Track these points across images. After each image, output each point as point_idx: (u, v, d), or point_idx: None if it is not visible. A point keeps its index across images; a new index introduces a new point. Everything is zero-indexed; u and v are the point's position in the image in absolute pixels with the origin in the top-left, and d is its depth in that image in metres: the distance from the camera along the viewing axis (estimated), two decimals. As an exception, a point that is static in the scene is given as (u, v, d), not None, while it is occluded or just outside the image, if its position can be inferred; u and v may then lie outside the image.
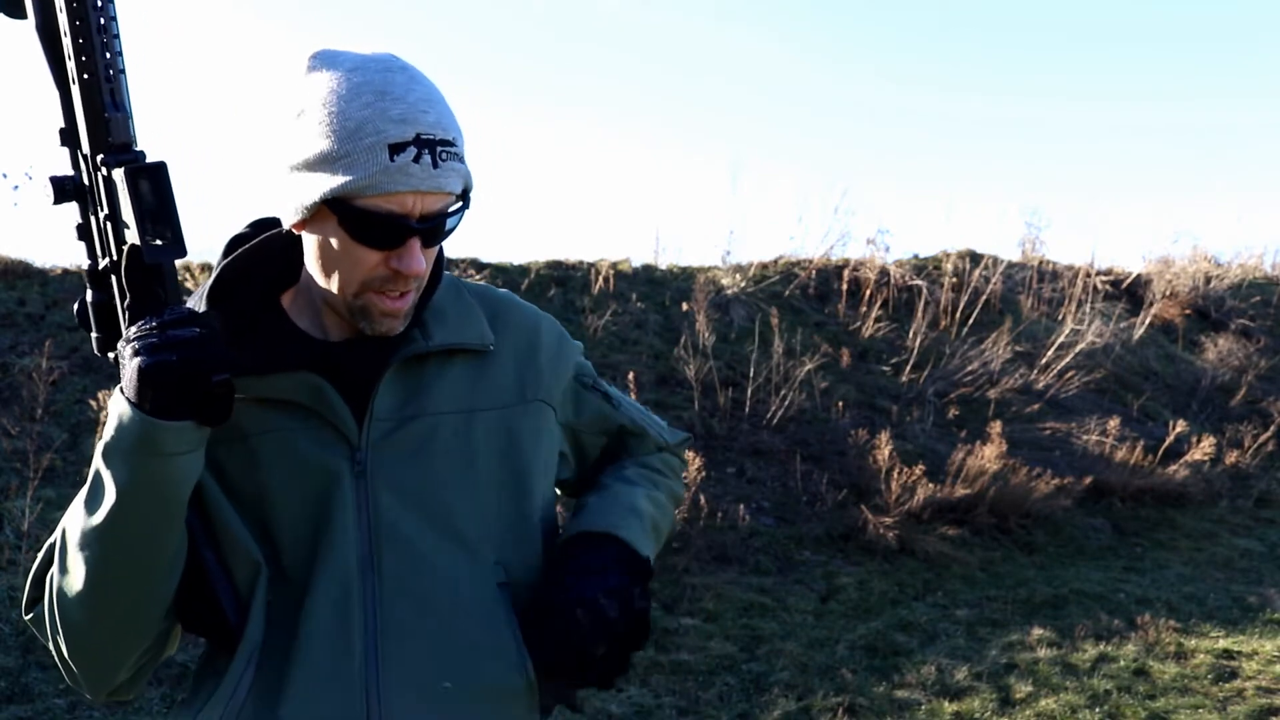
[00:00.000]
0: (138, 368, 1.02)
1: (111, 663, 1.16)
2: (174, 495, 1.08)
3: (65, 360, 5.65)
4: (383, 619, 1.16)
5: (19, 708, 3.62)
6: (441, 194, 1.14)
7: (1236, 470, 7.77)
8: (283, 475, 1.18)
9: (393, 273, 1.16)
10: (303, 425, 1.19)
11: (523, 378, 1.29)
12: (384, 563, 1.16)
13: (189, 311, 1.06)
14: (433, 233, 1.16)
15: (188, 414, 1.05)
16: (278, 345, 1.22)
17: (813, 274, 8.85)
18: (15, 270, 6.48)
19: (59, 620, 1.16)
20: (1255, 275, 12.05)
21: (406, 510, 1.18)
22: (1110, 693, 4.22)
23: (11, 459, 4.86)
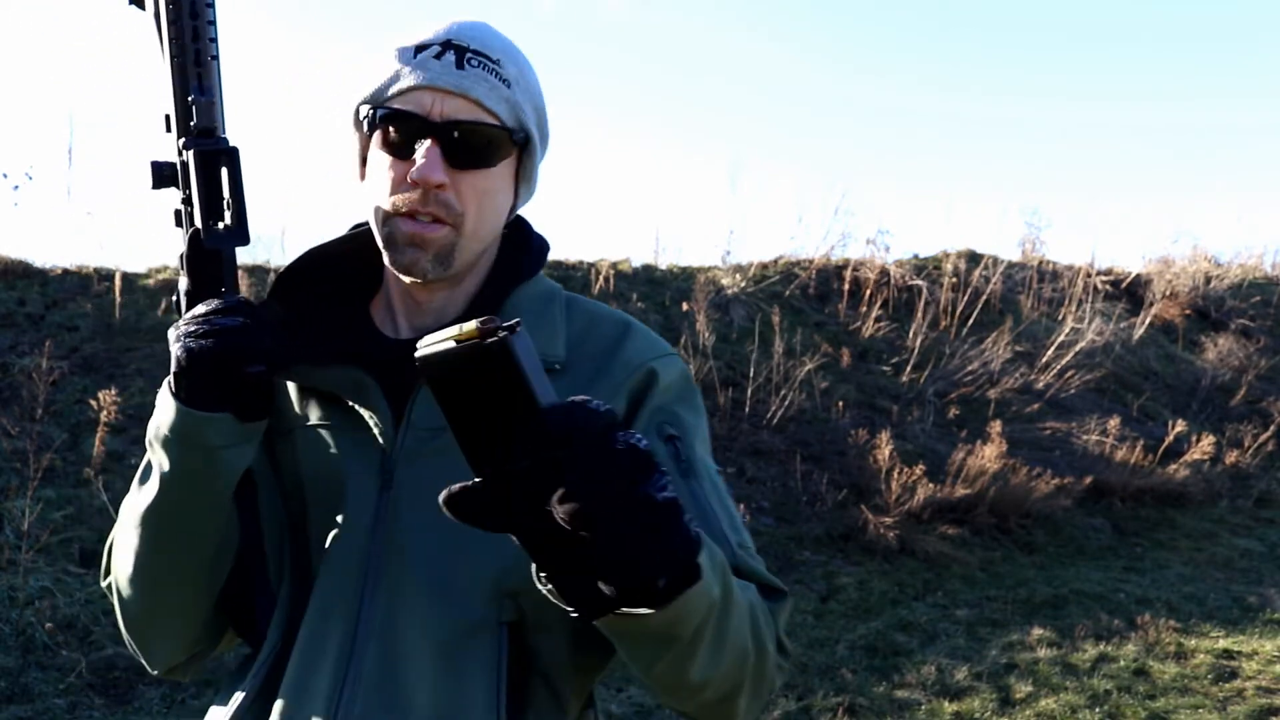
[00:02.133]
0: (175, 355, 1.00)
1: (158, 643, 1.14)
2: (215, 488, 1.04)
3: (65, 360, 5.65)
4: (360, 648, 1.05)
5: (19, 708, 3.62)
6: (465, 99, 1.05)
7: (1236, 470, 7.77)
8: (314, 473, 1.11)
9: (414, 188, 1.06)
10: (342, 422, 1.12)
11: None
12: (380, 588, 1.05)
13: (239, 300, 1.02)
14: (456, 142, 1.05)
15: (224, 405, 1.01)
16: (338, 337, 1.15)
17: (813, 274, 8.84)
18: (15, 270, 6.48)
19: (114, 592, 1.13)
20: (1255, 275, 12.05)
21: (426, 534, 1.05)
22: (1110, 693, 4.22)
23: (11, 459, 4.86)
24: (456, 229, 1.08)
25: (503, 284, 1.16)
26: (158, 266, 7.02)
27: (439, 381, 0.73)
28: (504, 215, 1.15)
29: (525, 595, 1.02)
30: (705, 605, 0.84)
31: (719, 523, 1.09)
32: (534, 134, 1.12)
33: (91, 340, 5.97)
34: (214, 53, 1.06)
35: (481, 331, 0.70)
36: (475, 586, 1.05)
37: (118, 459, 5.02)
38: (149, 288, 6.60)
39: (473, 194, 1.08)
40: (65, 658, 3.89)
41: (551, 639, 1.07)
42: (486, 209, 1.10)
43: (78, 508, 4.68)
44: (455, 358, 0.71)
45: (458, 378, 0.72)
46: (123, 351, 5.94)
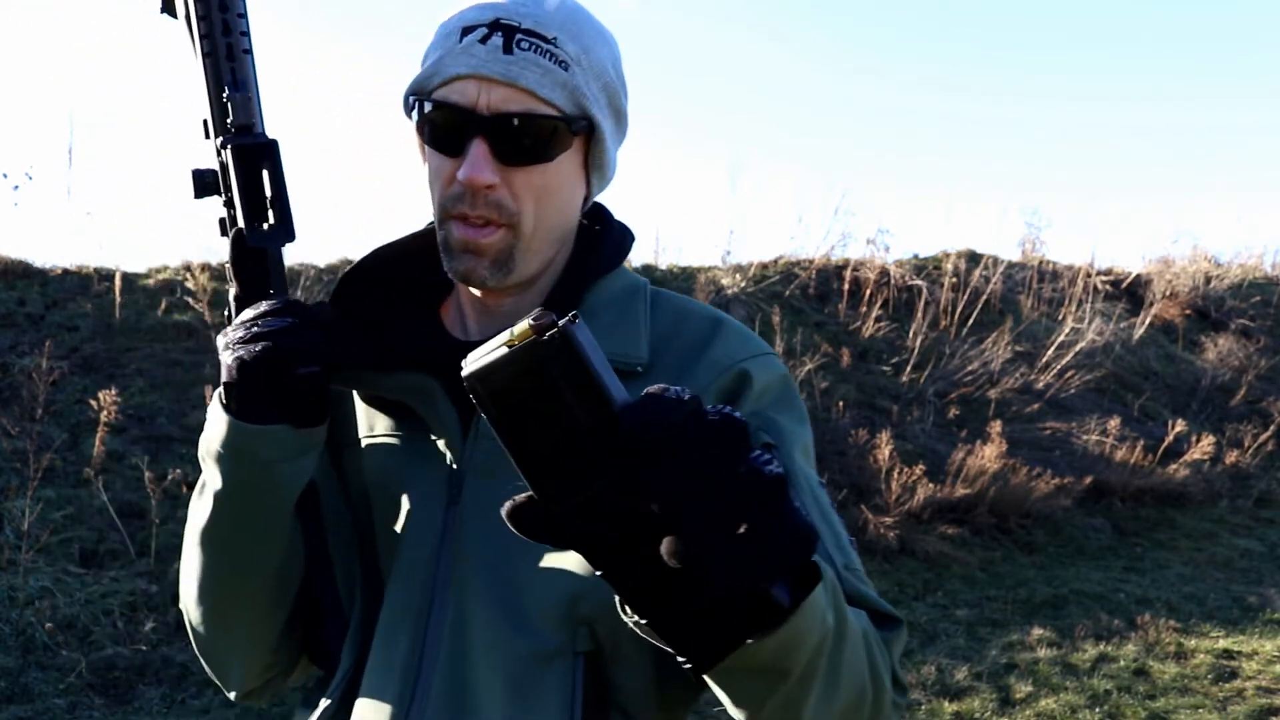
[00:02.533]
0: (224, 364, 0.93)
1: (230, 667, 1.07)
2: (273, 504, 0.97)
3: (65, 360, 5.65)
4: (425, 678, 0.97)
5: (19, 708, 3.62)
6: (514, 88, 0.95)
7: (1236, 470, 7.77)
8: (379, 485, 1.03)
9: (462, 188, 0.97)
10: (408, 432, 1.04)
11: None
12: (446, 611, 0.97)
13: (286, 300, 0.96)
14: (506, 137, 0.95)
15: (279, 415, 0.93)
16: (406, 341, 1.06)
17: (813, 274, 8.84)
18: (15, 270, 6.48)
19: (184, 612, 1.07)
20: (1255, 275, 12.05)
21: (494, 553, 0.97)
22: (1110, 693, 4.22)
23: (11, 459, 4.86)
24: (513, 231, 0.99)
25: (579, 280, 1.06)
26: (158, 266, 7.02)
27: (493, 399, 0.61)
28: (573, 210, 1.05)
29: (602, 622, 0.94)
30: (819, 632, 0.72)
31: (824, 542, 0.97)
32: (599, 119, 1.01)
33: (91, 340, 5.97)
34: (246, 46, 1.01)
35: (536, 328, 0.60)
36: (547, 612, 0.95)
37: (118, 459, 5.02)
38: (149, 288, 6.60)
39: (529, 192, 0.98)
40: (65, 658, 3.89)
41: (632, 670, 0.97)
42: (547, 207, 1.00)
43: (78, 508, 4.68)
44: (509, 366, 0.60)
45: (514, 391, 0.60)
46: (123, 351, 5.94)
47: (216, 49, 1.00)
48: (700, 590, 0.60)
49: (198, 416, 5.37)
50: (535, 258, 1.02)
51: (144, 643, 4.02)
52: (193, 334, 6.14)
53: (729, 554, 0.59)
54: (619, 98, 1.04)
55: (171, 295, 6.44)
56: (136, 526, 4.60)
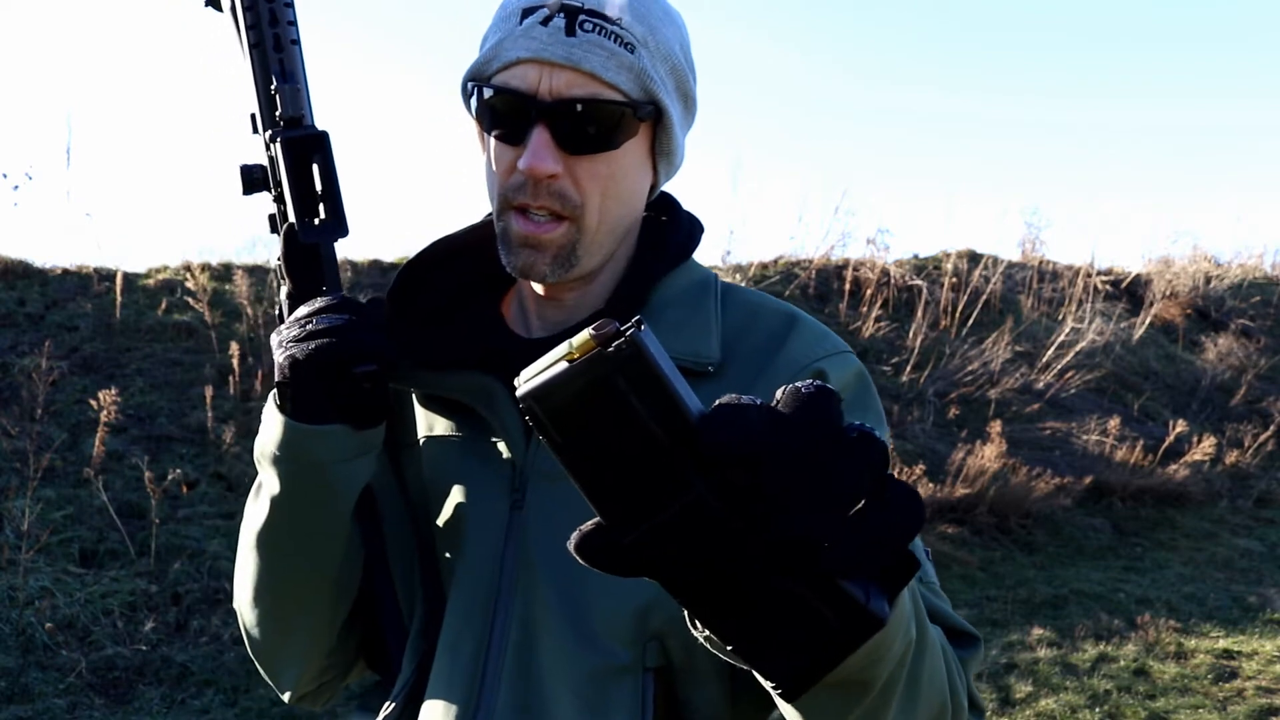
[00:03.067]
0: (277, 363, 0.90)
1: (284, 670, 1.04)
2: (330, 507, 0.94)
3: (65, 360, 5.65)
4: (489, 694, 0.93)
5: (19, 708, 3.62)
6: (577, 72, 0.90)
7: (1236, 470, 7.77)
8: (439, 489, 1.00)
9: (524, 178, 0.92)
10: (469, 433, 0.99)
11: None
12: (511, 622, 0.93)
13: (341, 296, 0.92)
14: (568, 124, 0.91)
15: (336, 416, 0.90)
16: (466, 338, 1.02)
17: (813, 274, 8.84)
18: (15, 270, 6.48)
19: (238, 613, 1.04)
20: (1255, 275, 12.05)
21: (560, 562, 0.92)
22: (1110, 693, 4.22)
23: (12, 459, 4.86)
24: (576, 224, 0.94)
25: (645, 275, 1.00)
26: (158, 266, 7.02)
27: (553, 419, 0.54)
28: (638, 200, 1.00)
29: (673, 637, 0.90)
30: (903, 641, 0.69)
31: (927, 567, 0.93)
32: (667, 104, 0.96)
33: (91, 340, 5.97)
34: (294, 36, 0.98)
35: (599, 339, 0.53)
36: (616, 625, 0.90)
37: (118, 459, 5.02)
38: (149, 288, 6.60)
39: (593, 182, 0.93)
40: (65, 658, 3.89)
41: (704, 685, 0.92)
42: (612, 197, 0.95)
43: (78, 508, 4.68)
44: (570, 382, 0.53)
45: (576, 410, 0.54)
46: (123, 351, 5.94)
47: (264, 40, 0.97)
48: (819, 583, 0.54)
49: (198, 416, 5.37)
50: (598, 251, 0.97)
51: (144, 643, 4.02)
52: (193, 334, 6.14)
53: (852, 536, 0.53)
54: (687, 81, 0.99)
55: (171, 295, 6.44)
56: (136, 526, 4.60)
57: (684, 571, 0.56)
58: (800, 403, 0.54)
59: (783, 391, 0.55)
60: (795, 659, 0.57)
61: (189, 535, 4.60)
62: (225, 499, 4.93)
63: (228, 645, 4.06)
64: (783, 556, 0.54)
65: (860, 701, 0.69)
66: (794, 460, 0.53)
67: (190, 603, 4.29)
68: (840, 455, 0.53)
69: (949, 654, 0.85)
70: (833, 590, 0.55)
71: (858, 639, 0.56)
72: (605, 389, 0.53)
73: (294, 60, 0.97)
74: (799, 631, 0.56)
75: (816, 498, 0.53)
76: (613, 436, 0.54)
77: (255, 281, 6.48)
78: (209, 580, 4.40)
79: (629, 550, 0.56)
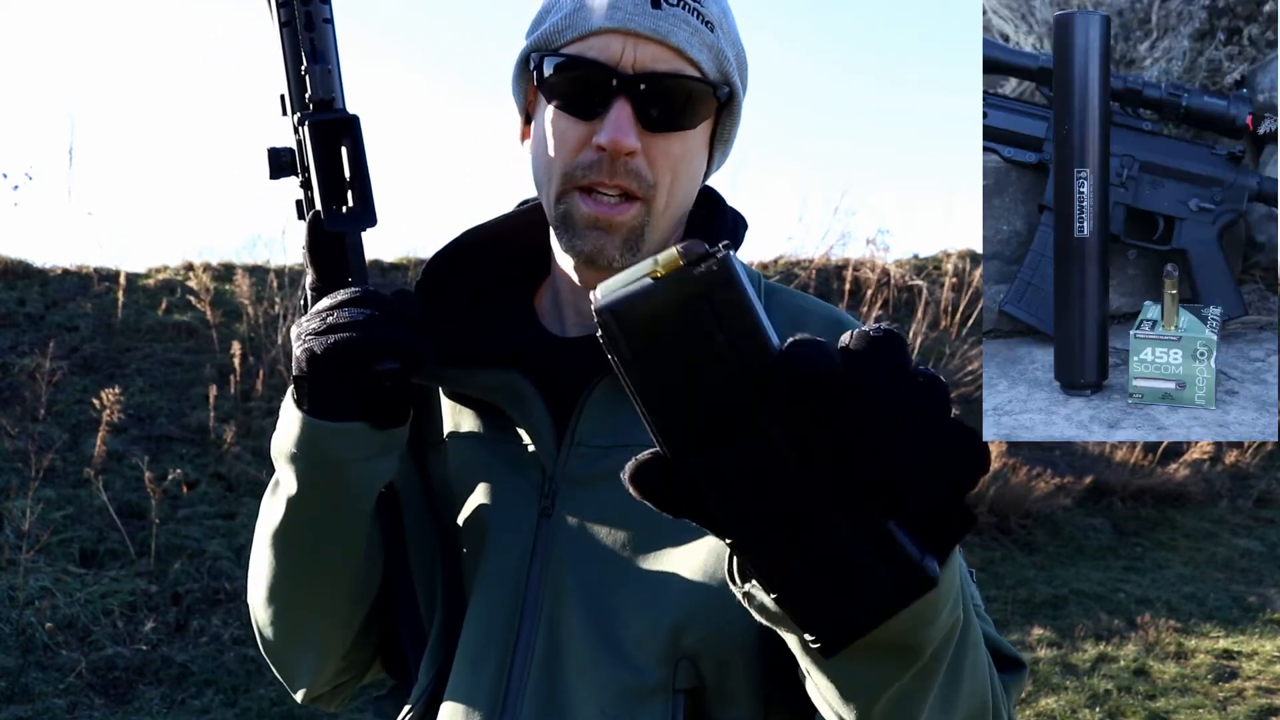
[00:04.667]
0: (295, 357, 0.87)
1: (297, 671, 1.00)
2: (349, 508, 0.90)
3: (65, 360, 5.65)
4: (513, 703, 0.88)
5: (19, 708, 3.62)
6: (663, 45, 0.87)
7: (1236, 470, 7.77)
8: (465, 492, 0.95)
9: (598, 154, 0.88)
10: (498, 435, 0.95)
11: None
12: (537, 634, 0.89)
13: (365, 289, 0.88)
14: (651, 99, 0.87)
15: (354, 412, 0.86)
16: (496, 334, 0.97)
17: (813, 274, 8.84)
18: (15, 270, 6.48)
19: (251, 611, 1.01)
20: (1255, 275, 12.05)
21: (590, 573, 0.88)
22: (1110, 693, 4.22)
23: (12, 459, 4.86)
24: (648, 205, 0.90)
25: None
26: (158, 266, 7.02)
27: (628, 337, 0.52)
28: (698, 184, 0.97)
29: (705, 657, 0.85)
30: (949, 613, 0.65)
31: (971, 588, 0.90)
32: (739, 88, 0.94)
33: (91, 340, 5.97)
34: (327, 15, 0.93)
35: (686, 257, 0.51)
36: (647, 642, 0.85)
37: (118, 459, 5.02)
38: (149, 288, 6.60)
39: (667, 162, 0.90)
40: (65, 658, 3.89)
41: (738, 707, 0.87)
42: (681, 179, 0.92)
43: (78, 508, 4.68)
44: (652, 298, 0.51)
45: (653, 329, 0.51)
46: (123, 351, 5.94)
47: (294, 18, 0.92)
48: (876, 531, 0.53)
49: (198, 416, 5.37)
50: (660, 235, 0.93)
51: (144, 643, 4.02)
52: (193, 334, 6.14)
53: (930, 465, 0.52)
54: (746, 68, 0.97)
55: (172, 295, 6.44)
56: (136, 526, 4.60)
57: (739, 511, 0.54)
58: (872, 343, 0.52)
59: (850, 335, 0.53)
60: (840, 612, 0.55)
61: (189, 535, 4.60)
62: (225, 499, 4.93)
63: (228, 645, 4.06)
64: (846, 497, 0.52)
65: (901, 673, 0.65)
66: (872, 397, 0.51)
67: (190, 603, 4.29)
68: (912, 396, 0.52)
69: (993, 672, 0.82)
70: (888, 541, 0.53)
71: (907, 596, 0.54)
72: (687, 309, 0.51)
73: (326, 40, 0.93)
74: (848, 583, 0.54)
75: (889, 437, 0.51)
76: (686, 361, 0.52)
77: (256, 282, 6.48)
78: (209, 580, 4.40)
79: (687, 483, 0.53)
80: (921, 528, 0.54)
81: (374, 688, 1.11)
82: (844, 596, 0.54)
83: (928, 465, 0.52)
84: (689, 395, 0.52)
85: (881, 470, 0.51)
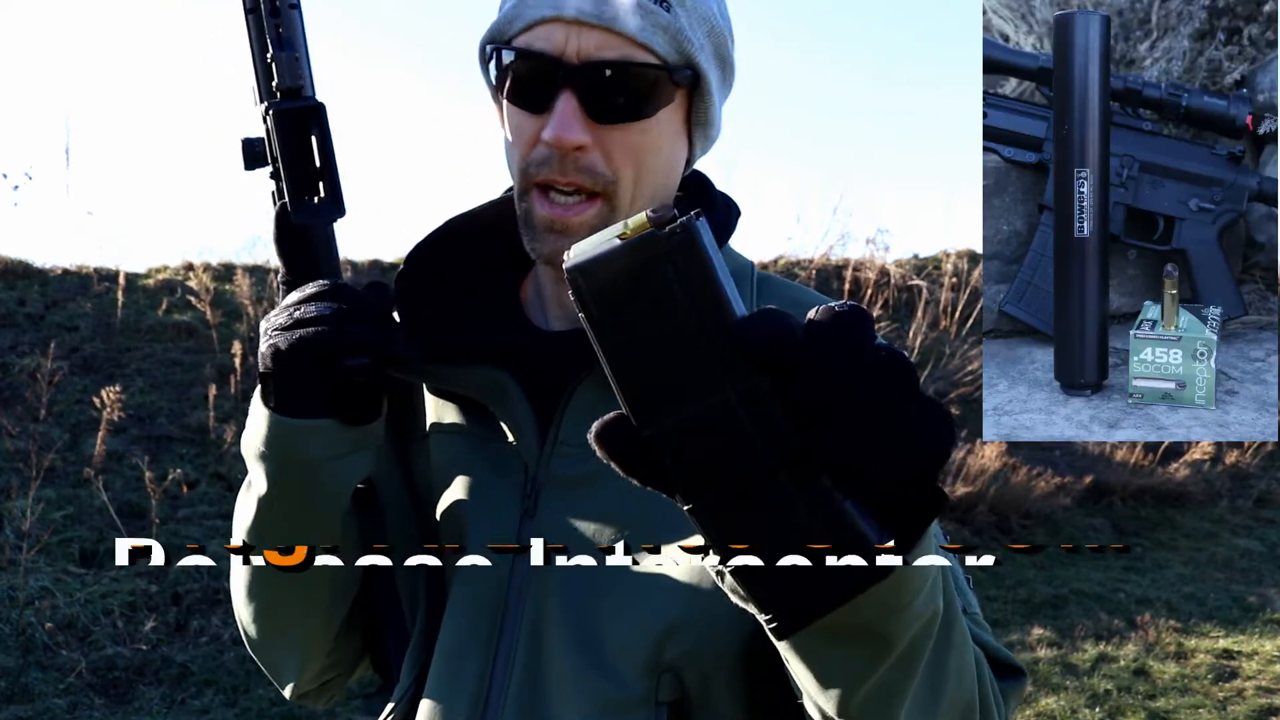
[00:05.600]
0: (260, 354, 0.84)
1: (282, 669, 0.99)
2: (322, 507, 0.88)
3: (66, 360, 5.65)
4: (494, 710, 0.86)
5: (19, 708, 3.62)
6: (609, 32, 0.82)
7: (1236, 470, 7.76)
8: (446, 490, 0.93)
9: (549, 150, 0.84)
10: (480, 432, 0.93)
11: None
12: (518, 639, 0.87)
13: (334, 283, 0.85)
14: (598, 90, 0.82)
15: (323, 410, 0.84)
16: (477, 328, 0.94)
17: (813, 274, 8.84)
18: (15, 270, 6.48)
19: (235, 614, 0.99)
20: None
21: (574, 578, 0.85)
22: (1110, 693, 4.22)
23: (12, 459, 4.86)
24: (609, 202, 0.86)
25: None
26: (158, 266, 7.02)
27: (596, 297, 0.53)
28: (675, 174, 0.92)
29: (690, 670, 0.83)
30: (926, 601, 0.63)
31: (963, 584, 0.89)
32: (706, 70, 0.88)
33: (91, 340, 5.97)
34: (293, 1, 0.91)
35: (655, 221, 0.52)
36: (630, 652, 0.83)
37: (118, 459, 5.02)
38: (149, 288, 6.60)
39: (626, 154, 0.85)
40: (65, 658, 3.89)
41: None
42: (647, 171, 0.87)
43: (78, 508, 4.68)
44: (619, 259, 0.52)
45: (620, 290, 0.53)
46: (123, 351, 5.94)
47: (259, 4, 0.90)
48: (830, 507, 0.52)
49: (198, 416, 5.37)
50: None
51: (144, 643, 4.02)
52: (193, 334, 6.14)
53: (892, 440, 0.51)
54: (726, 45, 0.91)
55: (172, 295, 6.43)
56: (136, 526, 4.60)
57: (696, 479, 0.54)
58: (835, 319, 0.52)
59: (817, 311, 0.53)
60: (795, 593, 0.55)
61: (189, 535, 4.60)
62: (225, 499, 4.92)
63: (228, 645, 4.06)
64: (802, 473, 0.52)
65: (875, 664, 0.63)
66: (828, 370, 0.51)
67: (190, 603, 4.29)
68: (873, 370, 0.51)
69: (987, 676, 0.80)
70: (846, 522, 0.53)
71: (863, 581, 0.54)
72: (652, 272, 0.52)
73: (292, 26, 0.90)
74: (803, 563, 0.54)
75: (848, 411, 0.51)
76: (651, 324, 0.53)
77: (256, 281, 6.48)
78: (209, 580, 4.40)
79: (647, 445, 0.54)
80: (887, 510, 0.53)
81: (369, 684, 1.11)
82: (798, 577, 0.54)
83: (889, 441, 0.51)
84: (652, 359, 0.53)
85: (839, 445, 0.51)
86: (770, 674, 0.77)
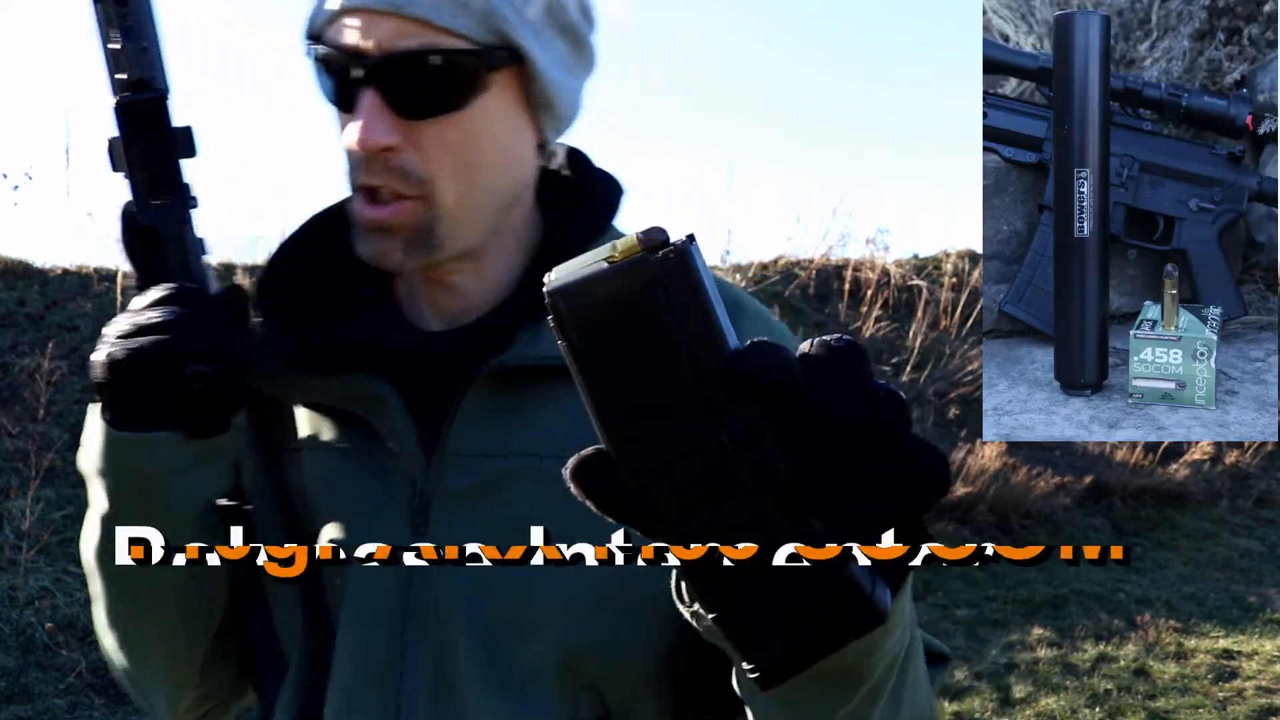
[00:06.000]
0: (91, 363, 0.80)
1: (152, 699, 0.92)
2: (169, 525, 0.80)
3: (65, 360, 5.65)
4: None
5: (19, 708, 3.62)
6: (401, 18, 0.75)
7: (1236, 470, 7.77)
8: (326, 509, 0.85)
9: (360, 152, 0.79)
10: (358, 445, 0.85)
11: None
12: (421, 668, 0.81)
13: (178, 287, 0.80)
14: (400, 84, 0.76)
15: (164, 422, 0.78)
16: (348, 331, 0.86)
17: (813, 274, 8.85)
18: (15, 270, 6.48)
19: (102, 650, 0.94)
20: (1255, 275, 12.05)
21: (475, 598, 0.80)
22: (1110, 693, 4.22)
23: (12, 459, 4.86)
24: (427, 202, 0.79)
25: (559, 247, 0.83)
26: (158, 266, 7.02)
27: (577, 323, 0.49)
28: (516, 164, 0.84)
29: (611, 685, 0.79)
30: (899, 640, 0.62)
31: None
32: (530, 47, 0.79)
33: (91, 340, 5.96)
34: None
35: (645, 244, 0.49)
36: (544, 672, 0.78)
37: (118, 459, 5.02)
38: (149, 288, 6.60)
39: (442, 150, 0.78)
40: (65, 658, 3.89)
41: None
42: (473, 166, 0.80)
43: (78, 508, 4.68)
44: (606, 284, 0.48)
45: (605, 316, 0.49)
46: (123, 351, 5.94)
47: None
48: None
49: (198, 416, 5.37)
50: (468, 230, 0.82)
51: (144, 643, 4.02)
52: (193, 334, 6.14)
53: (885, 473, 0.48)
54: (564, 12, 0.82)
55: (171, 295, 6.44)
56: (136, 526, 4.60)
57: (680, 520, 0.50)
58: (832, 353, 0.49)
59: (810, 343, 0.50)
60: (779, 643, 0.51)
61: (189, 535, 4.61)
62: (225, 499, 4.93)
63: (228, 645, 4.07)
64: (793, 514, 0.49)
65: (847, 699, 0.61)
66: (820, 400, 0.48)
67: (190, 603, 4.29)
68: (870, 409, 0.49)
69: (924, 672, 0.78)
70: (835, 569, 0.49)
71: (852, 632, 0.51)
72: (640, 297, 0.48)
73: (141, 14, 0.82)
74: (791, 611, 0.50)
75: (843, 450, 0.48)
76: (637, 353, 0.49)
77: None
78: (209, 580, 4.40)
79: (629, 482, 0.50)
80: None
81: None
82: (785, 626, 0.51)
83: (883, 473, 0.48)
84: (636, 389, 0.49)
85: (830, 476, 0.48)
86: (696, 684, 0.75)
